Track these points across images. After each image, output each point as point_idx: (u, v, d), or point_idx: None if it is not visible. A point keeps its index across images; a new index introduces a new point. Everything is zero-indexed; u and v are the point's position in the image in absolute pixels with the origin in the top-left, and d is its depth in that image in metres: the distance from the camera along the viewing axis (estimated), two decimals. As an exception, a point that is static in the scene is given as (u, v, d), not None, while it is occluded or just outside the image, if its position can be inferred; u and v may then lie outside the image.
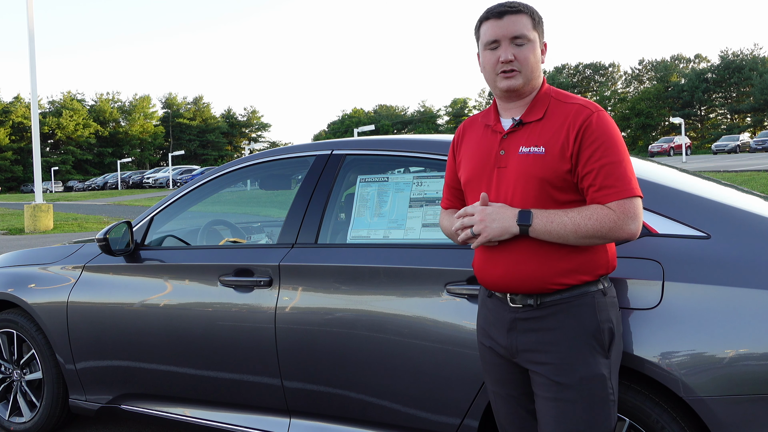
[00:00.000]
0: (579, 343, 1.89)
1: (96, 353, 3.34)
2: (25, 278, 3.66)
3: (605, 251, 1.95)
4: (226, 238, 3.68)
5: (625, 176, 1.86)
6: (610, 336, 1.92)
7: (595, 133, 1.88)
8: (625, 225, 1.83)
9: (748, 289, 1.96)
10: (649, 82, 76.71)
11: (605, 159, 1.86)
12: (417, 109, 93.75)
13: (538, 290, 1.91)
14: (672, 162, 21.84)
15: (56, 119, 77.38)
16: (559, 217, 1.86)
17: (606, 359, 1.91)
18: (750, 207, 2.27)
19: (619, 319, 1.98)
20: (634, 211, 1.84)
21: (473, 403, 2.37)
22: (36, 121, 18.19)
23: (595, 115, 1.90)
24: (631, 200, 1.84)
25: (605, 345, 1.91)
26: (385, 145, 2.93)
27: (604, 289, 1.94)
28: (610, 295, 1.96)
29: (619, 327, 1.97)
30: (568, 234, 1.85)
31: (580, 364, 1.88)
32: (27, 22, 17.76)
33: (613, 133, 1.90)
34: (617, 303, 2.00)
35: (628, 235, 1.85)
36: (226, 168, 3.35)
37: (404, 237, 2.65)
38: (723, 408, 1.94)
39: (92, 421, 3.85)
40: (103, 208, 28.43)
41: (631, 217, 1.83)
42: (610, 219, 1.83)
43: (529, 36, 1.95)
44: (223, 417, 3.00)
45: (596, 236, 1.85)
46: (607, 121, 1.90)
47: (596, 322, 1.90)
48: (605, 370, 1.90)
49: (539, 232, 1.87)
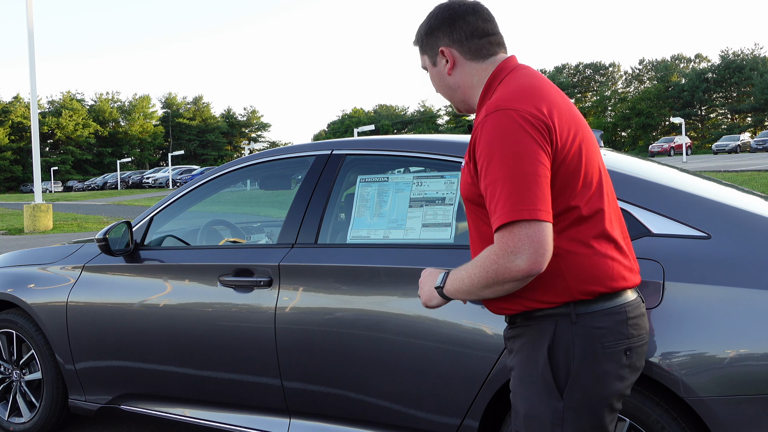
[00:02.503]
0: (527, 375, 1.62)
1: (95, 353, 3.34)
2: (24, 278, 3.65)
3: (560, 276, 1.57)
4: (225, 238, 3.67)
5: (507, 197, 1.47)
6: (566, 374, 1.56)
7: (481, 144, 1.55)
8: (508, 263, 1.47)
9: (748, 289, 1.96)
10: (649, 82, 76.70)
11: (488, 177, 1.52)
12: (417, 109, 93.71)
13: (495, 312, 1.71)
14: (672, 162, 21.84)
15: (56, 119, 77.37)
16: (459, 272, 1.61)
17: (557, 401, 1.57)
18: (750, 207, 2.27)
19: (598, 356, 1.57)
20: (514, 243, 1.46)
21: (474, 403, 2.36)
22: (35, 121, 18.19)
23: (485, 120, 1.56)
24: (508, 230, 1.47)
25: (556, 384, 1.57)
26: (385, 145, 2.93)
27: (573, 317, 1.57)
28: (584, 325, 1.57)
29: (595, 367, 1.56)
30: (470, 289, 1.57)
31: (525, 399, 1.63)
32: (26, 21, 17.77)
33: (500, 140, 1.51)
34: (598, 335, 1.57)
35: (518, 273, 1.47)
36: (226, 168, 3.35)
37: (404, 237, 2.64)
38: (723, 408, 1.93)
39: (92, 422, 3.85)
40: (102, 208, 28.43)
41: (511, 252, 1.46)
42: (490, 260, 1.50)
43: (423, 65, 1.83)
44: (223, 417, 3.00)
45: (491, 284, 1.52)
46: (496, 127, 1.53)
47: (545, 355, 1.58)
48: (550, 414, 1.57)
49: (451, 292, 1.64)
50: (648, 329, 1.72)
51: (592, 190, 1.63)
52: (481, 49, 1.75)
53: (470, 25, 1.74)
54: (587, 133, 1.70)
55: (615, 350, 1.59)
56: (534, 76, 1.70)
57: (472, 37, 1.74)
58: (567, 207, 1.59)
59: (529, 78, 1.68)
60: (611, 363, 1.58)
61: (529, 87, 1.64)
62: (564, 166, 1.58)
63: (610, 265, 1.61)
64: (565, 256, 1.58)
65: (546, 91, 1.65)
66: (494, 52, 1.76)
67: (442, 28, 1.75)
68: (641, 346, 1.66)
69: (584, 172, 1.61)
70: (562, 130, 1.59)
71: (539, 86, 1.65)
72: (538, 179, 1.49)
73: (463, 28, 1.74)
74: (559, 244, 1.57)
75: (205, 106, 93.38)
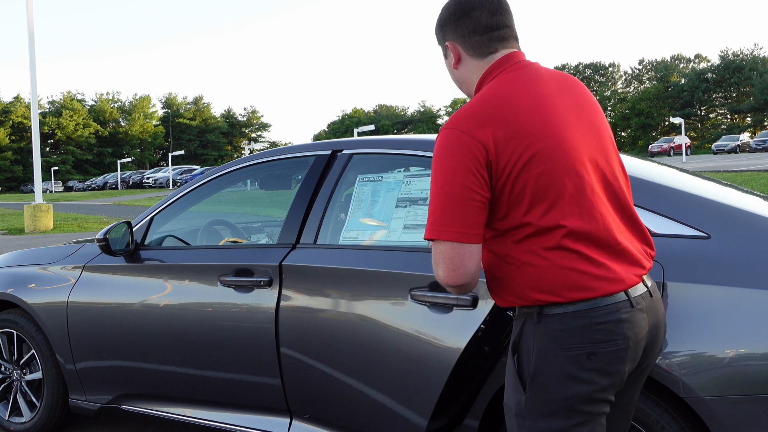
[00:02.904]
0: (508, 365, 1.73)
1: (96, 353, 3.34)
2: (25, 278, 3.65)
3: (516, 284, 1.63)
4: (226, 238, 3.68)
5: (431, 214, 1.60)
6: (528, 370, 1.63)
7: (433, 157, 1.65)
8: (435, 271, 1.62)
9: (748, 289, 1.96)
10: (649, 82, 76.71)
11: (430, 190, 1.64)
12: (417, 109, 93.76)
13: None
14: (672, 162, 21.82)
15: (56, 119, 77.38)
16: None
17: (521, 394, 1.65)
18: (750, 207, 2.27)
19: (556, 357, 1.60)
20: (434, 256, 1.61)
21: (473, 402, 2.36)
22: (36, 121, 18.19)
23: (439, 135, 1.66)
24: (433, 243, 1.61)
25: (520, 378, 1.66)
26: (385, 144, 2.93)
27: (536, 318, 1.63)
28: (545, 326, 1.61)
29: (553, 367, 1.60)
30: None
31: (506, 388, 1.74)
32: (27, 21, 17.76)
33: (438, 159, 1.61)
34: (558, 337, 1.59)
35: (442, 281, 1.61)
36: (226, 168, 3.35)
37: (386, 239, 2.62)
38: (723, 408, 1.93)
39: (92, 421, 3.85)
40: (103, 208, 28.42)
41: (435, 263, 1.61)
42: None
43: (443, 54, 1.86)
44: (223, 417, 3.00)
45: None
46: (439, 145, 1.62)
47: (513, 348, 1.69)
48: (517, 405, 1.66)
49: None
50: (636, 335, 1.63)
51: (550, 204, 1.60)
52: (481, 46, 1.75)
53: (473, 20, 1.74)
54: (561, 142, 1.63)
55: (575, 353, 1.59)
56: (511, 82, 1.68)
57: (474, 33, 1.75)
58: (519, 221, 1.61)
59: (503, 86, 1.67)
60: (571, 365, 1.59)
61: (489, 100, 1.64)
62: (509, 184, 1.59)
63: (567, 276, 1.59)
64: (520, 266, 1.62)
65: (507, 103, 1.63)
66: (494, 49, 1.75)
67: (449, 23, 1.78)
68: (614, 351, 1.60)
69: (535, 188, 1.59)
70: (506, 149, 1.59)
71: (503, 97, 1.64)
72: (463, 202, 1.57)
73: (467, 24, 1.75)
74: (513, 254, 1.62)
75: (206, 106, 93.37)
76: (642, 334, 1.66)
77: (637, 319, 1.64)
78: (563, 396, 1.60)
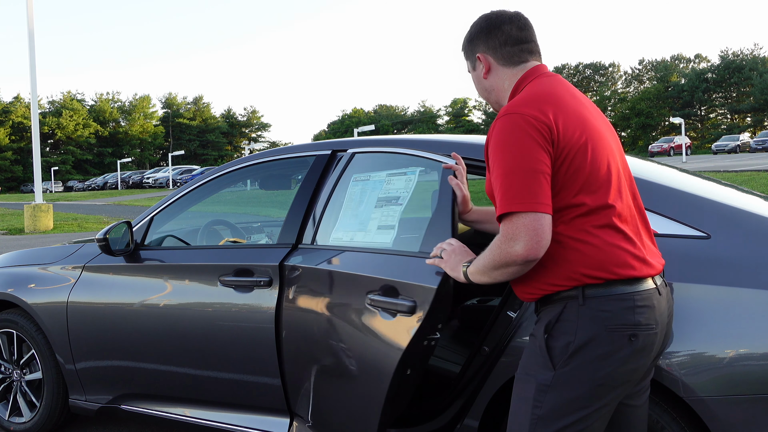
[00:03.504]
0: (529, 348, 1.79)
1: (96, 353, 3.34)
2: (25, 278, 3.66)
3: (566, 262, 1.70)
4: (226, 238, 3.68)
5: (507, 190, 1.65)
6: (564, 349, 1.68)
7: (492, 144, 1.74)
8: (508, 248, 1.64)
9: (748, 289, 1.96)
10: (649, 82, 76.68)
11: (494, 173, 1.71)
12: (417, 109, 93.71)
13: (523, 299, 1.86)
14: (672, 162, 21.83)
15: (56, 119, 77.36)
16: (479, 256, 1.78)
17: (549, 371, 1.70)
18: (750, 207, 2.27)
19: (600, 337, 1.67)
20: (513, 230, 1.63)
21: (473, 402, 2.36)
22: (36, 121, 18.19)
23: (495, 122, 1.75)
24: (509, 218, 1.64)
25: (553, 356, 1.70)
26: (385, 144, 2.92)
27: (581, 300, 1.69)
28: (591, 307, 1.68)
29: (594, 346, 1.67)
30: (483, 269, 1.75)
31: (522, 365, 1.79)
32: (27, 21, 17.76)
33: (504, 140, 1.69)
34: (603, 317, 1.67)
35: (517, 258, 1.64)
36: (226, 168, 3.35)
37: (362, 240, 2.57)
38: (723, 408, 1.93)
39: (92, 421, 3.85)
40: (103, 208, 28.43)
41: (512, 239, 1.63)
42: (495, 245, 1.68)
43: (469, 69, 2.02)
44: (223, 417, 3.00)
45: (497, 267, 1.69)
46: (503, 129, 1.71)
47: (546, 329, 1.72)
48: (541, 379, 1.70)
49: (472, 273, 1.81)
50: (662, 323, 1.75)
51: (599, 186, 1.74)
52: (513, 56, 1.92)
53: (504, 33, 1.91)
54: (599, 135, 1.80)
55: (618, 334, 1.67)
56: (551, 85, 1.84)
57: (505, 45, 1.91)
58: (571, 201, 1.71)
59: (546, 86, 1.83)
60: (613, 345, 1.67)
61: (540, 93, 1.78)
62: (567, 162, 1.71)
63: (615, 253, 1.70)
64: (571, 243, 1.70)
65: (556, 97, 1.78)
66: (525, 59, 1.92)
67: (480, 36, 1.94)
68: (650, 335, 1.71)
69: (589, 170, 1.73)
70: (566, 131, 1.72)
71: (551, 93, 1.79)
72: (536, 175, 1.66)
73: (498, 37, 1.91)
74: (566, 233, 1.71)
75: (206, 106, 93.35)
76: (665, 322, 1.78)
77: (663, 308, 1.76)
78: (596, 375, 1.67)
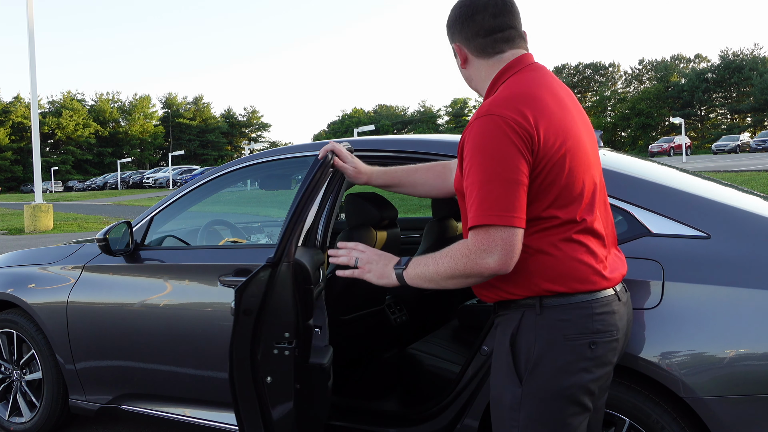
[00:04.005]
0: (496, 362, 1.73)
1: (96, 353, 3.34)
2: (24, 278, 3.65)
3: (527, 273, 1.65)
4: (226, 238, 3.68)
5: (484, 199, 1.56)
6: (526, 361, 1.65)
7: (468, 146, 1.63)
8: (479, 259, 1.56)
9: (748, 289, 1.96)
10: (649, 82, 76.63)
11: (469, 179, 1.61)
12: (417, 109, 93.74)
13: (479, 298, 1.81)
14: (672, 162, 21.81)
15: (56, 119, 77.33)
16: (425, 259, 1.70)
17: (516, 387, 1.66)
18: (750, 207, 2.27)
19: (558, 346, 1.64)
20: (488, 242, 1.55)
21: (473, 402, 2.36)
22: (36, 121, 18.19)
23: (474, 123, 1.64)
24: (484, 229, 1.56)
25: (516, 371, 1.66)
26: (385, 144, 2.92)
27: (538, 309, 1.66)
28: (548, 316, 1.65)
29: (556, 357, 1.63)
30: (433, 275, 1.66)
31: (493, 384, 1.75)
32: (27, 21, 17.75)
33: (484, 144, 1.59)
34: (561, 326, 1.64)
35: (487, 270, 1.57)
36: (226, 168, 3.35)
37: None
38: (723, 408, 1.94)
39: (92, 421, 3.85)
40: (103, 208, 28.41)
41: (484, 250, 1.56)
42: (462, 254, 1.59)
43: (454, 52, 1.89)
44: (223, 417, 3.00)
45: (456, 276, 1.61)
46: (482, 131, 1.60)
47: (510, 341, 1.68)
48: (509, 398, 1.66)
49: (411, 276, 1.72)
50: (622, 327, 1.73)
51: (571, 200, 1.67)
52: (486, 47, 1.80)
53: (476, 24, 1.79)
54: (578, 143, 1.70)
55: (578, 343, 1.64)
56: (534, 82, 1.72)
57: (477, 36, 1.80)
58: (541, 213, 1.65)
59: (528, 84, 1.71)
60: (573, 354, 1.63)
61: (521, 93, 1.67)
62: (543, 175, 1.63)
63: (577, 267, 1.66)
64: (534, 255, 1.66)
65: (539, 99, 1.67)
66: (500, 49, 1.79)
67: (456, 26, 1.83)
68: (610, 342, 1.68)
69: (564, 182, 1.65)
70: (547, 139, 1.63)
71: (533, 94, 1.68)
72: (515, 186, 1.57)
73: (470, 27, 1.80)
74: (530, 244, 1.65)
75: (205, 106, 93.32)
76: (625, 327, 1.76)
77: (622, 312, 1.75)
78: (563, 385, 1.63)
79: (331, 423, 2.78)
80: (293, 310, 2.25)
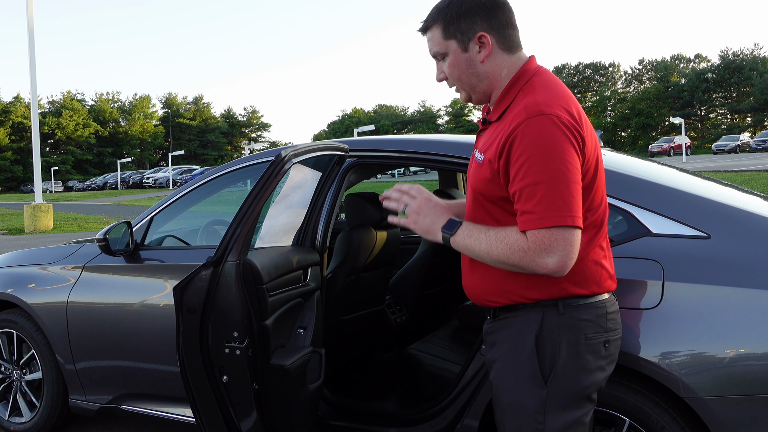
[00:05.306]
0: (512, 365, 1.68)
1: (96, 353, 3.34)
2: (24, 278, 3.65)
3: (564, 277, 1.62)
4: (225, 238, 3.66)
5: (550, 201, 1.51)
6: (551, 363, 1.63)
7: (522, 146, 1.55)
8: (538, 258, 1.52)
9: (748, 289, 1.96)
10: (649, 82, 76.60)
11: (528, 179, 1.53)
12: (417, 109, 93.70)
13: (480, 304, 1.77)
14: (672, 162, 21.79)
15: (56, 119, 77.31)
16: (479, 233, 1.63)
17: (541, 389, 1.63)
18: (750, 207, 2.27)
19: (581, 346, 1.64)
20: (551, 243, 1.51)
21: (473, 402, 2.36)
22: (36, 121, 18.17)
23: (528, 122, 1.55)
24: (549, 231, 1.51)
25: (542, 372, 1.63)
26: (385, 144, 2.92)
27: (561, 308, 1.64)
28: (570, 316, 1.64)
29: (578, 357, 1.63)
30: (482, 254, 1.61)
31: (508, 388, 1.68)
32: (27, 21, 17.74)
33: (546, 146, 1.53)
34: (582, 326, 1.65)
35: (543, 270, 1.54)
36: (226, 168, 3.35)
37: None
38: (723, 408, 1.94)
39: (92, 421, 3.85)
40: (103, 208, 28.41)
41: (545, 250, 1.51)
42: (520, 247, 1.54)
43: (443, 50, 1.71)
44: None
45: (507, 263, 1.58)
46: (541, 131, 1.53)
47: (532, 344, 1.64)
48: (534, 401, 1.63)
49: (459, 245, 1.66)
50: (621, 327, 1.79)
51: (599, 203, 1.70)
52: (513, 41, 1.70)
53: (507, 13, 1.68)
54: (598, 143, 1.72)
55: (596, 342, 1.67)
56: (557, 83, 1.68)
57: (508, 27, 1.69)
58: None
59: (559, 84, 1.69)
60: (592, 354, 1.66)
61: (563, 94, 1.64)
62: (587, 176, 1.64)
63: (598, 272, 1.70)
64: None
65: (574, 101, 1.67)
66: (521, 46, 1.74)
67: (479, 12, 1.66)
68: (617, 339, 1.74)
69: (597, 185, 1.68)
70: (588, 142, 1.63)
71: (569, 94, 1.66)
72: (576, 186, 1.55)
73: (501, 16, 1.68)
74: None
75: (205, 106, 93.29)
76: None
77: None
78: (584, 385, 1.65)
79: (331, 423, 2.78)
80: (240, 309, 2.23)
